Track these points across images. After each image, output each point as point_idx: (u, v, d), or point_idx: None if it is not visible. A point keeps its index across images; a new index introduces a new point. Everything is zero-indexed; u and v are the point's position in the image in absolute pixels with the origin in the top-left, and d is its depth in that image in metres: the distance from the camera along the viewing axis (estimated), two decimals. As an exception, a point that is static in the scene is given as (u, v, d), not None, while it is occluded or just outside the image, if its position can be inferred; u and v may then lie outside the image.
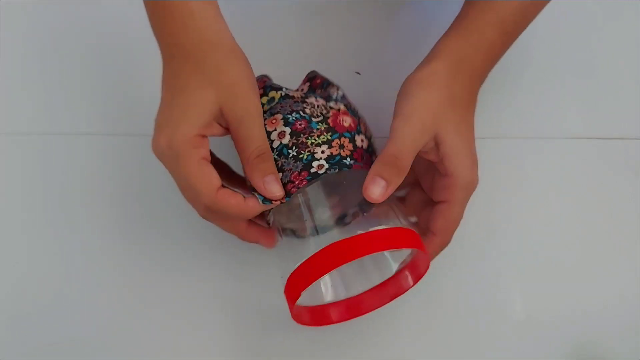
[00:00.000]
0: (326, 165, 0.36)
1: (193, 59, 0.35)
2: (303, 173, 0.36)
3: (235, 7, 0.35)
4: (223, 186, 0.36)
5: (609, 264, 0.48)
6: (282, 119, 0.38)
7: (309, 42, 0.53)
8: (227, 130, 0.36)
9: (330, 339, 0.46)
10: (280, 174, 0.37)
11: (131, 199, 0.49)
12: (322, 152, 0.37)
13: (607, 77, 0.52)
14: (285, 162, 0.37)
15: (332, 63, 0.52)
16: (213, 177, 0.35)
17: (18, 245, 0.48)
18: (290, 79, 0.43)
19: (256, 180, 0.36)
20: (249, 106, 0.35)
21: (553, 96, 0.52)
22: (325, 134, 0.38)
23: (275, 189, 0.36)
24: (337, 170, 0.36)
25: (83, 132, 0.51)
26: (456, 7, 0.42)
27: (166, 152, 0.34)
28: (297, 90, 0.42)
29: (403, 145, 0.35)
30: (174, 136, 0.34)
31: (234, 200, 0.35)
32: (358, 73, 0.52)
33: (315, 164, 0.37)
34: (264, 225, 0.41)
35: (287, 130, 0.37)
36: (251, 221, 0.40)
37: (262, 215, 0.40)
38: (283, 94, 0.39)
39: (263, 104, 0.39)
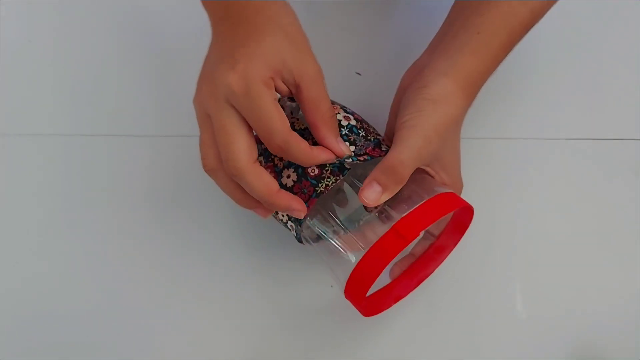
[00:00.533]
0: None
1: (267, 12, 0.34)
2: (376, 150, 0.38)
3: (236, 7, 0.35)
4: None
5: (609, 264, 0.48)
6: (341, 107, 0.40)
7: (309, 42, 0.53)
8: (288, 90, 0.35)
9: (330, 339, 0.46)
10: (353, 147, 0.37)
11: (132, 199, 0.49)
12: (383, 140, 0.39)
13: (606, 78, 0.52)
14: (356, 138, 0.38)
15: (332, 63, 0.52)
16: (286, 118, 0.34)
17: (18, 246, 0.48)
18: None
19: (331, 140, 0.36)
20: (318, 67, 0.35)
21: (553, 97, 0.52)
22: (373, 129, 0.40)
23: (345, 148, 0.36)
24: None
25: (83, 133, 0.51)
26: (456, 7, 0.42)
27: (235, 88, 0.32)
28: None
29: (407, 159, 0.36)
30: (251, 72, 0.32)
31: (304, 143, 0.34)
32: (358, 73, 0.52)
33: (383, 147, 0.39)
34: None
35: (351, 117, 0.39)
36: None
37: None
38: None
39: None
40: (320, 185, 0.37)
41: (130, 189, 0.49)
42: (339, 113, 0.39)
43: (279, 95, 0.36)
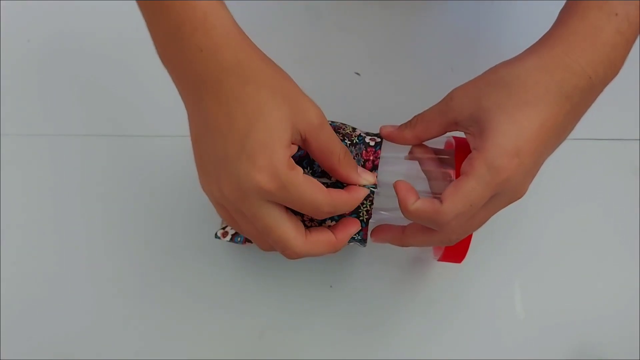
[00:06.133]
0: (377, 140, 0.39)
1: (250, 78, 0.31)
2: (369, 149, 0.38)
3: (235, 7, 0.34)
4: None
5: (609, 264, 0.48)
6: None
7: (309, 42, 0.53)
8: (296, 146, 0.34)
9: (330, 339, 0.46)
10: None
11: (132, 199, 0.49)
12: (359, 132, 0.39)
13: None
14: (349, 149, 0.38)
15: (332, 63, 0.53)
16: (319, 183, 0.33)
17: (18, 246, 0.48)
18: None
19: (354, 176, 0.35)
20: (318, 110, 0.33)
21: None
22: (343, 126, 0.40)
23: (370, 177, 0.36)
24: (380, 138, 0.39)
25: (83, 133, 0.51)
26: (456, 7, 0.41)
27: (268, 186, 0.30)
28: None
29: (422, 117, 0.37)
30: (275, 164, 0.30)
31: (344, 194, 0.35)
32: (357, 73, 0.52)
33: (368, 139, 0.39)
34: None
35: None
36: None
37: None
38: None
39: None
40: (361, 214, 0.37)
41: (131, 188, 0.49)
42: None
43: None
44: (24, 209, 0.49)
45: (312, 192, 0.32)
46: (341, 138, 0.38)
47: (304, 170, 0.34)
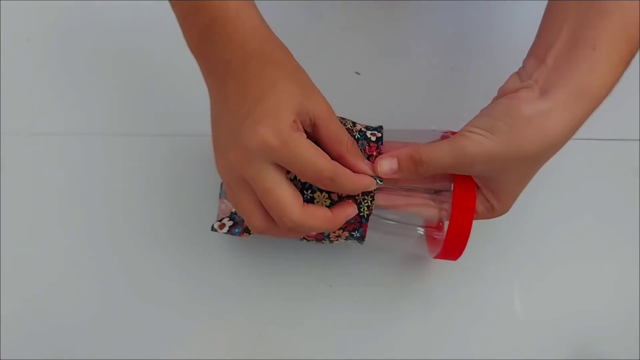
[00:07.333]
0: (377, 134, 0.39)
1: (270, 60, 0.34)
2: (371, 144, 0.38)
3: (235, 6, 0.34)
4: None
5: (609, 264, 0.48)
6: None
7: (309, 42, 0.53)
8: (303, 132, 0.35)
9: (330, 339, 0.46)
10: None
11: (132, 199, 0.49)
12: (360, 127, 0.39)
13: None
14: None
15: (332, 63, 0.53)
16: (322, 151, 0.34)
17: (18, 246, 0.48)
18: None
19: (362, 165, 0.36)
20: (329, 105, 0.35)
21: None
22: (343, 120, 0.40)
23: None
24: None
25: (82, 133, 0.51)
26: (456, 7, 0.41)
27: (273, 143, 0.32)
28: None
29: (432, 164, 0.36)
30: (280, 124, 0.32)
31: (348, 171, 0.35)
32: (357, 73, 0.52)
33: (369, 134, 0.39)
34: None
35: None
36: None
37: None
38: None
39: None
40: (362, 210, 0.37)
41: (131, 188, 0.49)
42: None
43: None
44: (24, 208, 0.49)
45: (314, 155, 0.33)
46: None
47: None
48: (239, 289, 0.47)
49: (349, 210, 0.37)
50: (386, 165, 0.36)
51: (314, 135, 0.35)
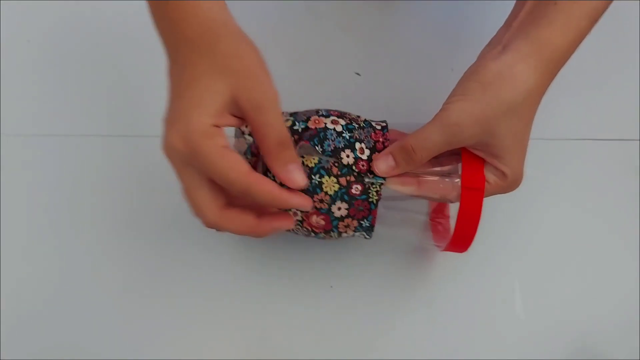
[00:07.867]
0: (382, 124, 0.40)
1: (200, 47, 0.32)
2: (377, 132, 0.38)
3: (235, 7, 0.34)
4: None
5: (609, 264, 0.48)
6: (319, 115, 0.39)
7: (309, 42, 0.53)
8: (241, 120, 0.33)
9: (330, 339, 0.46)
10: (359, 143, 0.37)
11: (132, 199, 0.49)
12: (364, 118, 0.40)
13: (607, 78, 0.52)
14: (358, 132, 0.38)
15: (332, 63, 0.53)
16: (241, 162, 0.32)
17: (19, 246, 0.48)
18: (291, 79, 0.43)
19: (277, 169, 0.33)
20: (267, 91, 0.32)
21: (553, 97, 0.52)
22: (347, 113, 0.40)
23: (298, 178, 0.33)
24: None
25: (82, 134, 0.51)
26: (456, 7, 0.41)
27: (181, 149, 0.31)
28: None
29: (420, 149, 0.35)
30: (188, 129, 0.31)
31: (269, 185, 0.32)
32: (358, 73, 0.52)
33: (374, 124, 0.39)
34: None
35: (341, 121, 0.38)
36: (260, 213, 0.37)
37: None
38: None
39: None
40: (371, 195, 0.37)
41: (131, 188, 0.49)
42: (326, 124, 0.37)
43: (234, 134, 0.35)
44: (24, 208, 0.49)
45: (224, 167, 0.31)
46: (348, 122, 0.38)
47: (315, 147, 0.35)
48: (239, 290, 0.47)
49: (279, 224, 0.35)
50: (382, 164, 0.36)
51: (249, 127, 0.34)
